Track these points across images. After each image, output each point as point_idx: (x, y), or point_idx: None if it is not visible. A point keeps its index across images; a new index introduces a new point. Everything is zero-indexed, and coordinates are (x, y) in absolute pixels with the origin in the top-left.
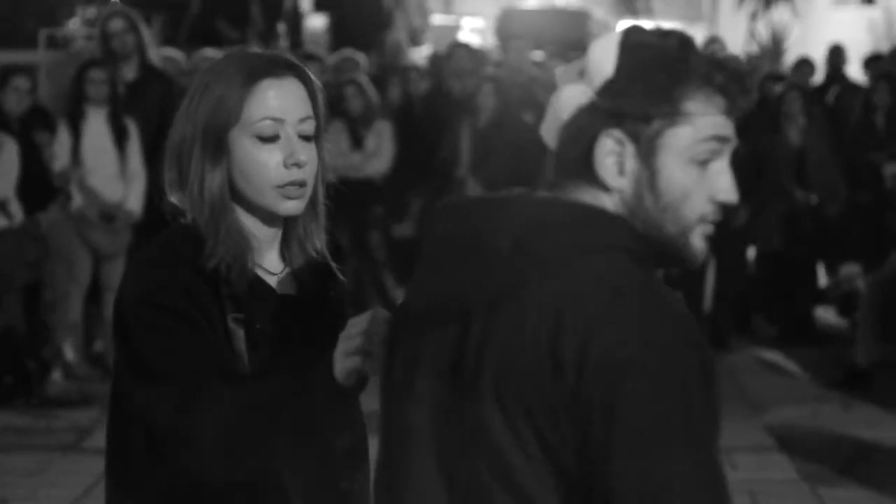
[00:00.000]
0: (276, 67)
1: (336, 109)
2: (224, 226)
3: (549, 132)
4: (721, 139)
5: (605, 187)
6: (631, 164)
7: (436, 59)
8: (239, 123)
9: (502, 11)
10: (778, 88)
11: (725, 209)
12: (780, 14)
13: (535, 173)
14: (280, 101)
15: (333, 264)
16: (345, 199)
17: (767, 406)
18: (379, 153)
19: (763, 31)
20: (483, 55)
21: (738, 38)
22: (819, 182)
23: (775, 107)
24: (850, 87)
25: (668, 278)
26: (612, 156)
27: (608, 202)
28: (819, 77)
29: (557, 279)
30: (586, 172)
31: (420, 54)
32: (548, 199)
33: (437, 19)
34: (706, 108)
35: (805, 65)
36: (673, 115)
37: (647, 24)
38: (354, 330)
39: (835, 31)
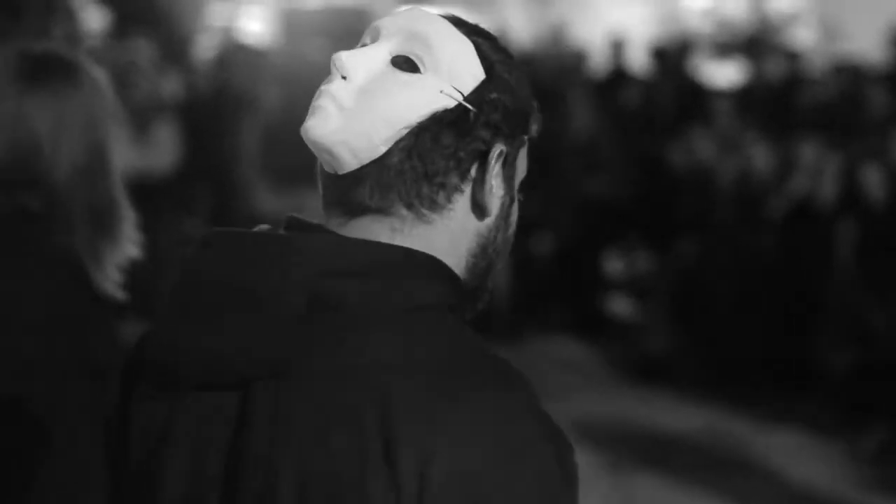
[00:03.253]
0: None
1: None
2: None
3: (358, 138)
4: None
5: (468, 217)
6: (498, 188)
7: (218, 57)
8: None
9: (285, 12)
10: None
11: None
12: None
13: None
14: None
15: None
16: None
17: (565, 397)
18: (164, 147)
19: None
20: (265, 53)
21: (523, 27)
22: (608, 171)
23: (561, 98)
24: (633, 78)
25: None
26: (498, 177)
27: (446, 238)
28: (600, 65)
29: (377, 348)
30: (432, 197)
31: (200, 51)
32: (358, 241)
33: (217, 8)
34: (534, 130)
35: (584, 58)
36: (526, 134)
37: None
38: None
39: (618, 20)
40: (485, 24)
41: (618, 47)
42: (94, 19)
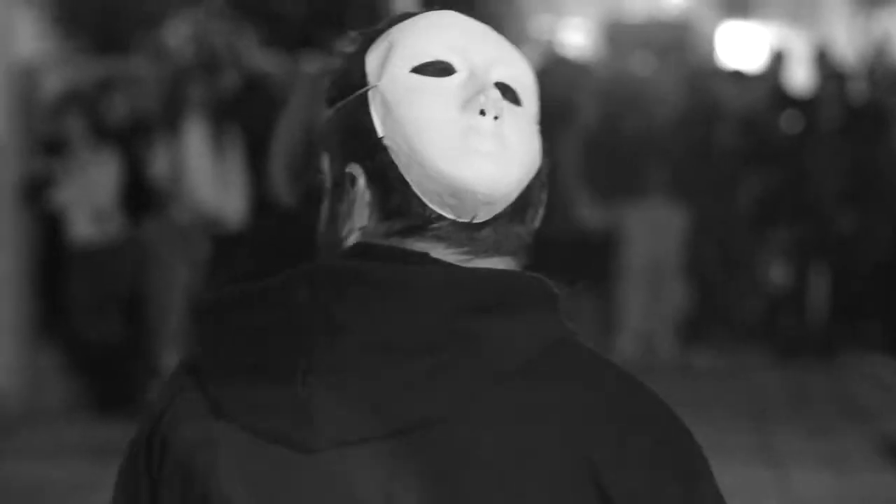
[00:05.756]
0: None
1: None
2: None
3: (517, 184)
4: None
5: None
6: None
7: (538, 71)
8: None
9: (608, 24)
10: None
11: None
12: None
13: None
14: None
15: None
16: None
17: (879, 415)
18: None
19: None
20: (586, 67)
21: (846, 41)
22: None
23: (885, 112)
24: None
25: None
26: None
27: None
28: None
29: (533, 382)
30: (529, 236)
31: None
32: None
33: (537, 20)
34: None
35: None
36: None
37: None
38: None
39: None
40: (809, 38)
41: None
42: None
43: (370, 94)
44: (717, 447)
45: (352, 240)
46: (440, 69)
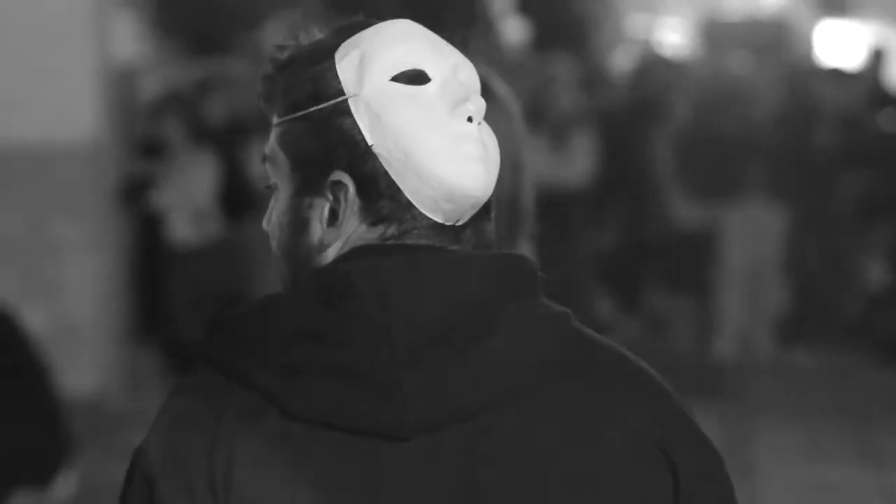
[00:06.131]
0: None
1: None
2: None
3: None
4: None
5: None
6: None
7: (635, 70)
8: None
9: (705, 23)
10: None
11: None
12: None
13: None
14: None
15: None
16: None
17: None
18: (581, 158)
19: None
20: (682, 65)
21: None
22: None
23: None
24: None
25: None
26: None
27: None
28: None
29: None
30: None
31: (617, 60)
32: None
33: (634, 20)
34: None
35: None
36: None
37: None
38: None
39: None
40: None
41: None
42: (514, 31)
43: (351, 102)
44: (817, 448)
45: (336, 246)
46: (415, 77)
